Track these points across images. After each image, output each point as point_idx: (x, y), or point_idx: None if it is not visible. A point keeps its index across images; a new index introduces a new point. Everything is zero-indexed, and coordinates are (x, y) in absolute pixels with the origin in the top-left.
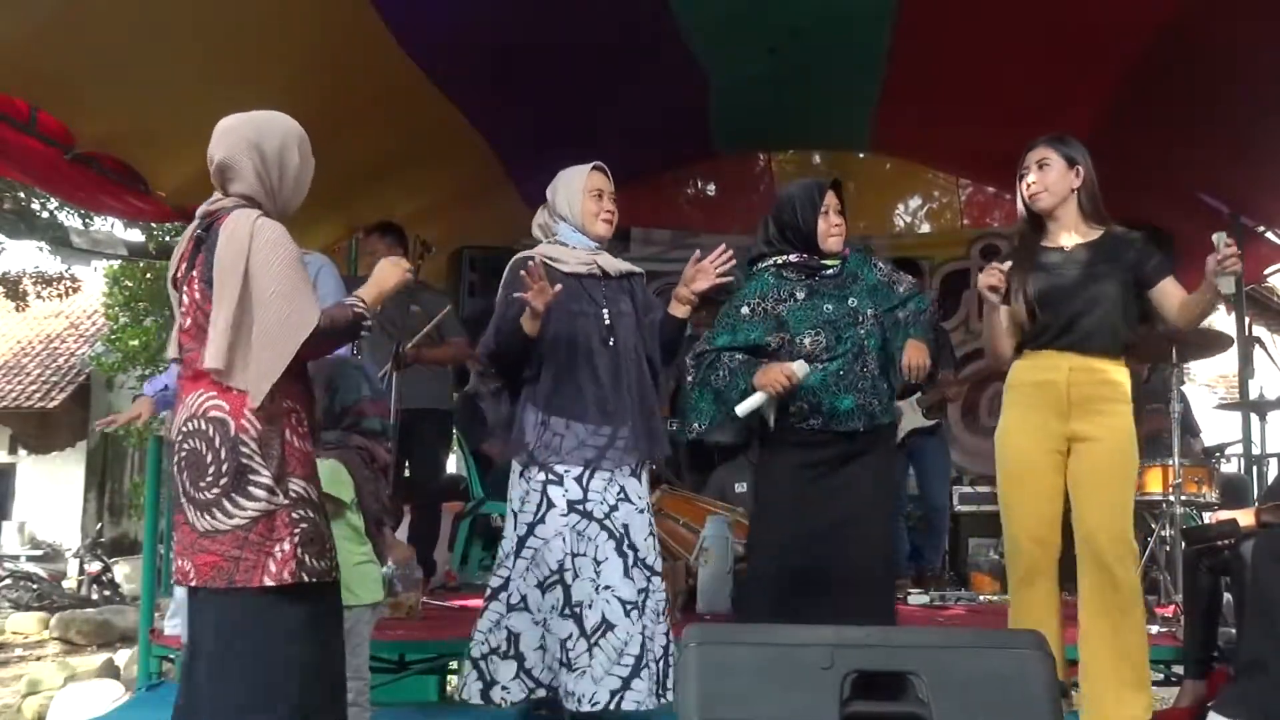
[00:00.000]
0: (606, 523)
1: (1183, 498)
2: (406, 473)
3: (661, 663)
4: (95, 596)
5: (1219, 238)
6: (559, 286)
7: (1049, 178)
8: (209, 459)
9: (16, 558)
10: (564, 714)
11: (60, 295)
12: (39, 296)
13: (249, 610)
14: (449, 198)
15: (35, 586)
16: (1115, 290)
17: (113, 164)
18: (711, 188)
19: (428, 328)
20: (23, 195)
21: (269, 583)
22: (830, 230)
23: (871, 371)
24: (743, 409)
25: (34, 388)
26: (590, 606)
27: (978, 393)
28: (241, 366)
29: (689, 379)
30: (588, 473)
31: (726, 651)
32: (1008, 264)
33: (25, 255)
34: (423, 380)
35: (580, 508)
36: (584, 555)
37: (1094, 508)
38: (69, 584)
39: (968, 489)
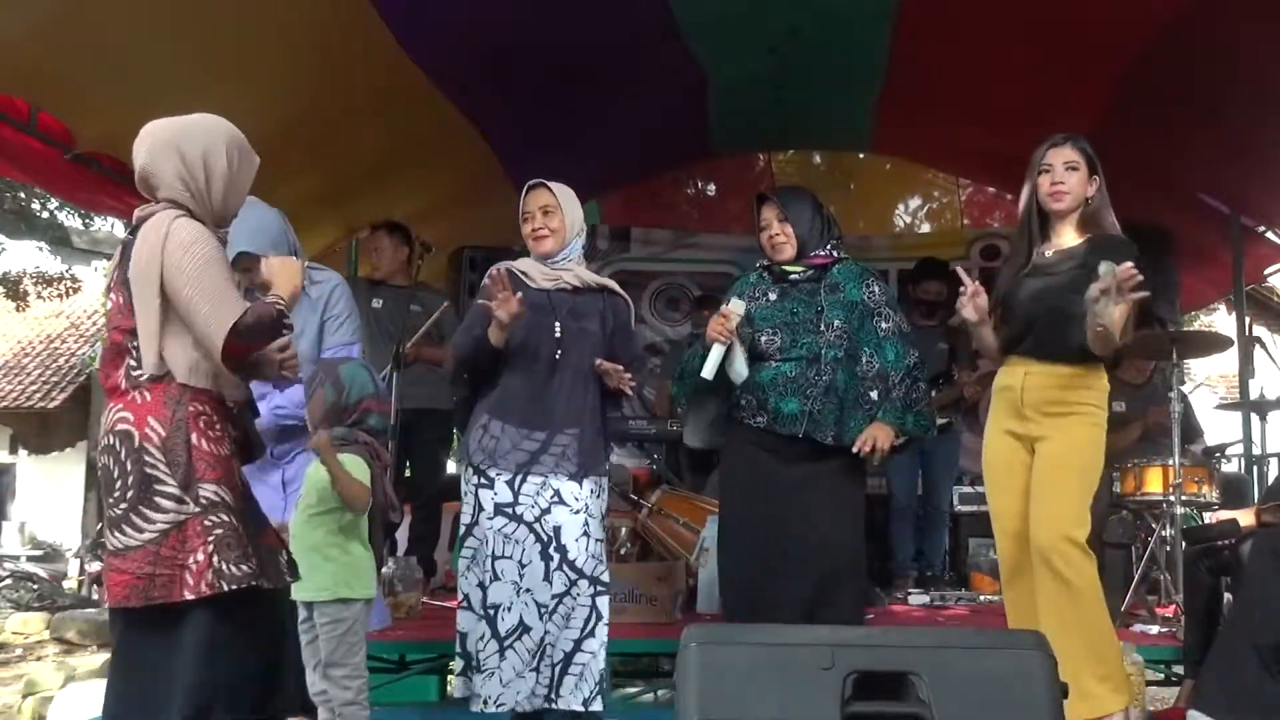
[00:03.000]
0: (536, 526)
1: (1183, 498)
2: (407, 473)
3: (559, 667)
4: (95, 597)
5: (1104, 266)
6: (520, 298)
7: (1074, 180)
8: (116, 473)
9: (17, 558)
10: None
11: (60, 295)
12: (39, 296)
13: (170, 626)
14: (448, 198)
15: (35, 587)
16: (1079, 299)
17: (113, 164)
18: (711, 188)
19: (426, 326)
20: (23, 195)
21: (188, 596)
22: (770, 241)
23: (825, 381)
24: (707, 370)
25: (34, 388)
26: (509, 610)
27: (977, 394)
28: (181, 364)
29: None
30: (519, 477)
31: (726, 651)
32: (976, 287)
33: (25, 255)
34: (423, 380)
35: (509, 511)
36: (508, 558)
37: (1036, 504)
38: (69, 584)
39: (968, 489)
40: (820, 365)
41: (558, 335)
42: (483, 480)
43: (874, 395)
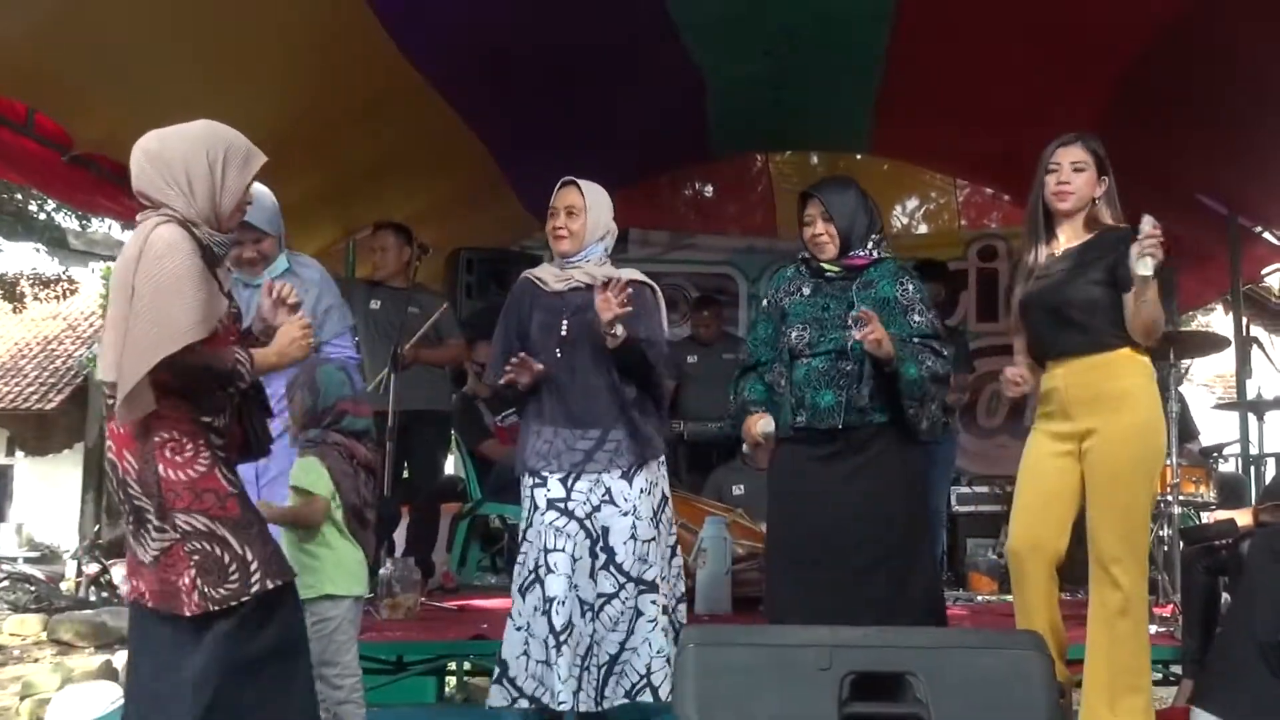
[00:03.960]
0: (587, 522)
1: (1180, 498)
2: (405, 474)
3: (604, 670)
4: (93, 598)
5: (1147, 220)
6: (530, 369)
7: (1081, 181)
8: (119, 497)
9: (14, 559)
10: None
11: (58, 297)
12: (36, 298)
13: (176, 636)
14: (446, 199)
15: (33, 588)
16: (1096, 289)
17: (110, 166)
18: (709, 189)
19: (424, 328)
20: (20, 197)
21: (187, 613)
22: (812, 239)
23: (855, 370)
24: (745, 449)
25: (31, 389)
26: (562, 604)
27: (976, 394)
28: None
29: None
30: (572, 476)
31: (724, 653)
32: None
33: (23, 257)
34: (421, 382)
35: (560, 505)
36: (561, 551)
37: (1093, 508)
38: (66, 585)
39: (965, 489)
40: (850, 357)
41: (564, 333)
42: (537, 480)
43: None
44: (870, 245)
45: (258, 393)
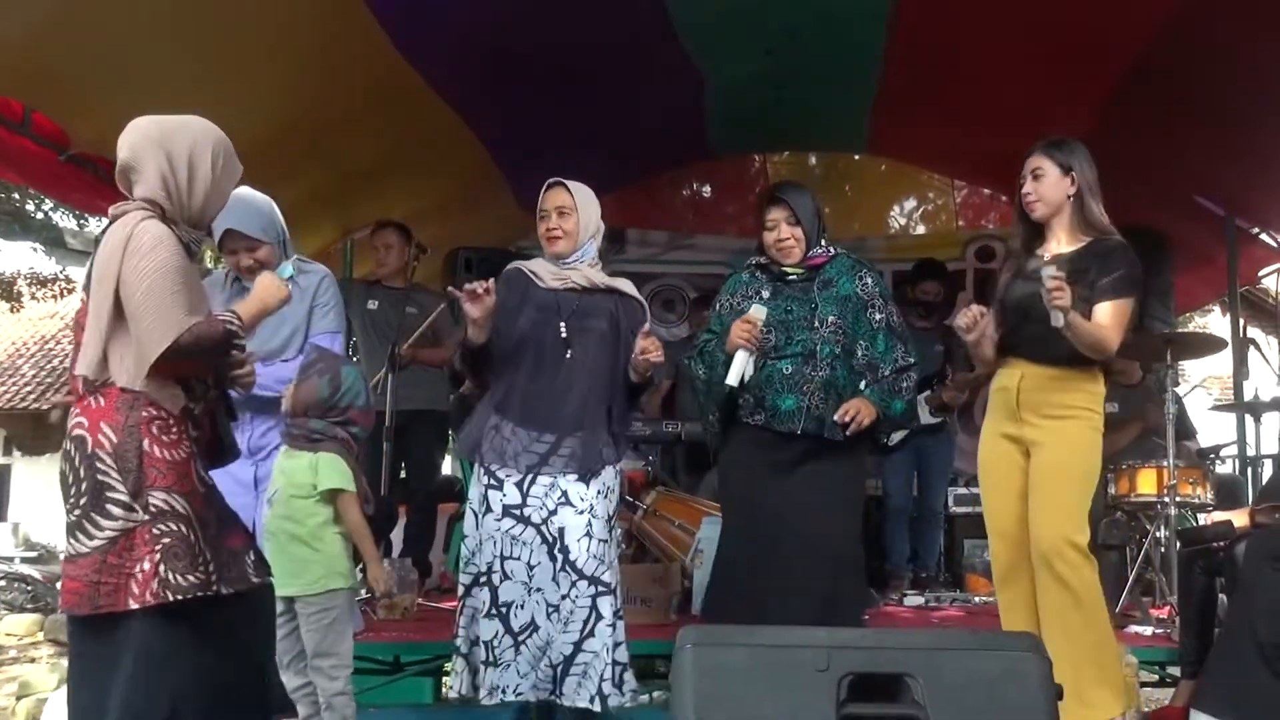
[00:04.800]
0: (543, 528)
1: (1177, 499)
2: (402, 474)
3: (560, 669)
4: None
5: (1046, 272)
6: (489, 288)
7: (1042, 187)
8: (71, 479)
9: (11, 559)
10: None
11: (55, 296)
12: (34, 298)
13: (116, 635)
14: (444, 199)
15: (29, 588)
16: (1074, 301)
17: (108, 165)
18: (707, 189)
19: (422, 328)
20: (17, 196)
21: (133, 605)
22: (775, 244)
23: (822, 376)
24: (731, 378)
25: (29, 389)
26: (522, 607)
27: (972, 394)
28: (127, 369)
29: (694, 380)
30: (529, 478)
31: (722, 653)
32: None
33: (20, 256)
34: (418, 382)
35: (516, 512)
36: (516, 559)
37: (1036, 508)
38: None
39: (962, 490)
40: (816, 361)
41: (563, 335)
42: (492, 481)
43: (862, 386)
44: (823, 243)
45: (222, 395)
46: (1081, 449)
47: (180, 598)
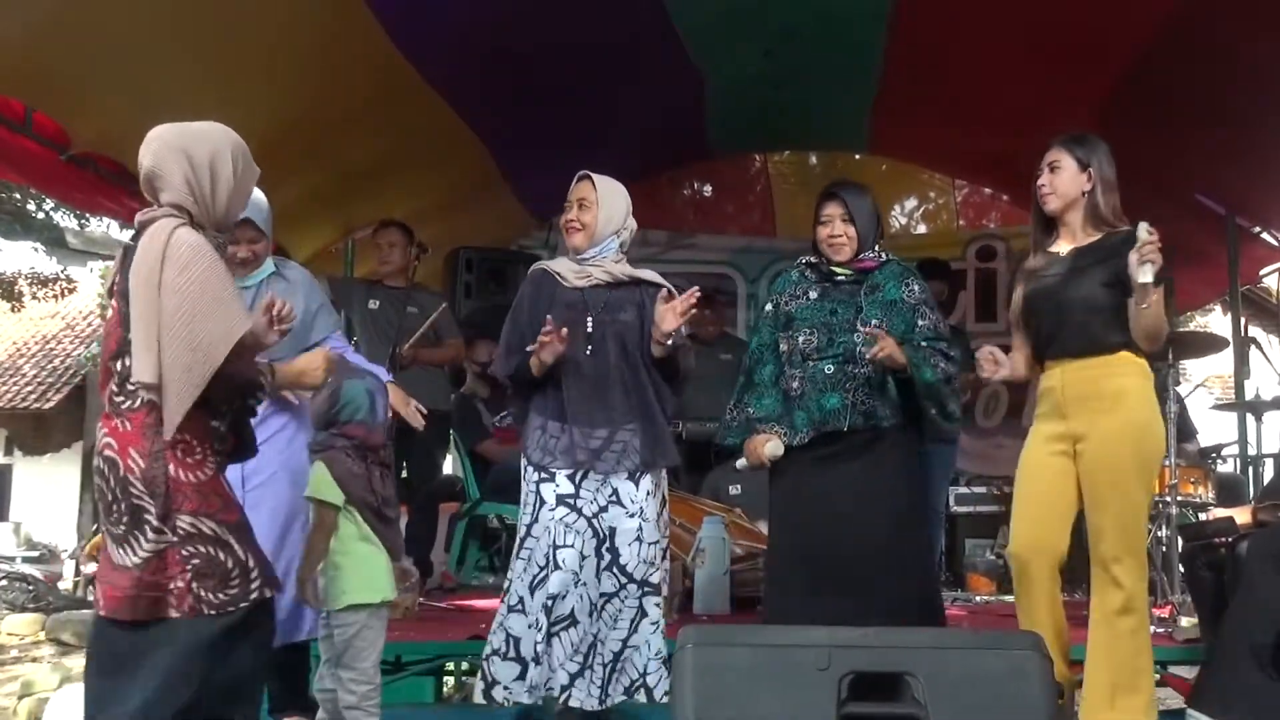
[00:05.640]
0: (594, 521)
1: (1179, 498)
2: (403, 474)
3: (609, 668)
4: (91, 598)
5: (1143, 227)
6: (564, 337)
7: (1058, 180)
8: (110, 498)
9: (12, 559)
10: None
11: (56, 296)
12: (35, 297)
13: (149, 632)
14: (445, 198)
15: (31, 588)
16: (1098, 291)
17: (109, 165)
18: (708, 189)
19: (424, 328)
20: (18, 196)
21: (174, 615)
22: (827, 240)
23: (864, 373)
24: (740, 464)
25: (30, 389)
26: (563, 598)
27: (974, 394)
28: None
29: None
30: (580, 474)
31: (722, 653)
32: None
33: (21, 256)
34: (419, 381)
35: (569, 502)
36: (569, 547)
37: (1091, 509)
38: (65, 585)
39: (964, 490)
40: (858, 363)
41: (589, 330)
42: (544, 475)
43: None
44: (877, 249)
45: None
46: (1132, 442)
47: (214, 612)
